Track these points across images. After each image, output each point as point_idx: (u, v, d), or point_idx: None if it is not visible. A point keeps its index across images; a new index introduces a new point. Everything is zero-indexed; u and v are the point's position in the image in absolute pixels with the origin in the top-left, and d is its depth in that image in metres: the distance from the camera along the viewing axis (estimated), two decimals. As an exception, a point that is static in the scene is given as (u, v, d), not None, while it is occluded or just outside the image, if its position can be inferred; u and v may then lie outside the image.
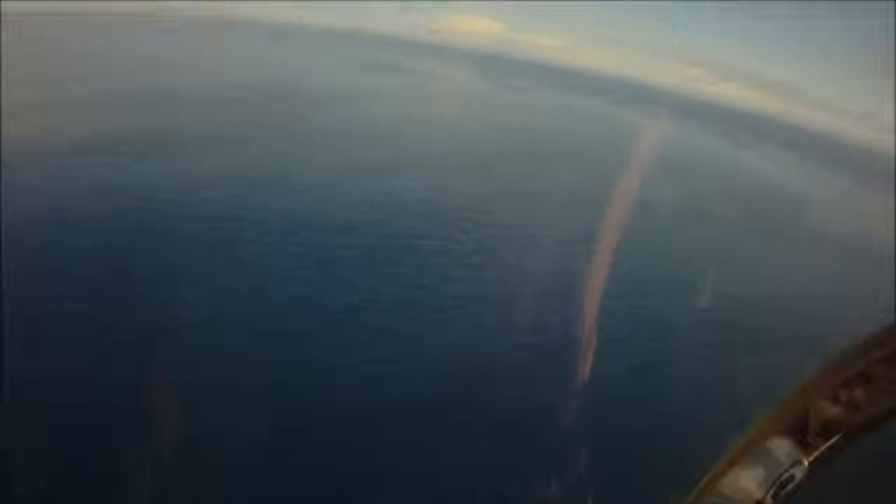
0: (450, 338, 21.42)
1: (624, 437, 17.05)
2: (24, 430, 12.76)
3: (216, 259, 23.81)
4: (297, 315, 21.17)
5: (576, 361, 18.67)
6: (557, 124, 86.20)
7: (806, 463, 1.95)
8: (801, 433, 1.98)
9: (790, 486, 1.95)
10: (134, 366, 16.34)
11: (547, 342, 21.29)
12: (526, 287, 25.03)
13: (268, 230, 27.47)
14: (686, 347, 23.83)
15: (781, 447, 1.99)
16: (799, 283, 35.44)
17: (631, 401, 19.37)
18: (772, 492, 1.96)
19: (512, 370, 19.36)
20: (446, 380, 18.64)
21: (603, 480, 13.48)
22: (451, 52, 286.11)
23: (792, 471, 1.95)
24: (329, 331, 20.41)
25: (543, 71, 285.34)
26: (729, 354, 23.16)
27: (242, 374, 17.04)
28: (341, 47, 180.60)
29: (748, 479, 2.00)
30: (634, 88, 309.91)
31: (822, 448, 1.96)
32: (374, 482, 14.29)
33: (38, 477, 11.98)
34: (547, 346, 21.00)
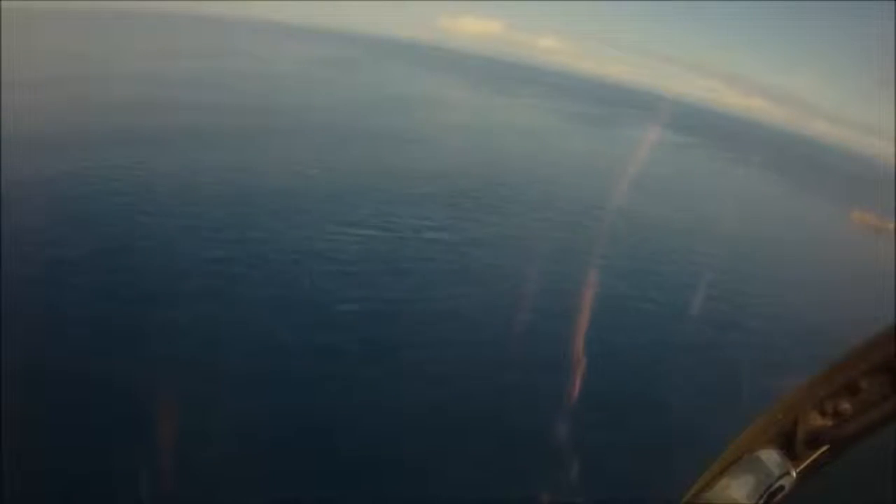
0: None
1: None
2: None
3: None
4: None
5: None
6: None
7: (794, 473, 1.97)
8: (789, 444, 2.01)
9: (779, 497, 1.97)
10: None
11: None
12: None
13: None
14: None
15: (770, 458, 2.01)
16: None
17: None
18: (761, 502, 1.98)
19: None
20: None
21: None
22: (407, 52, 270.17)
23: (781, 481, 1.97)
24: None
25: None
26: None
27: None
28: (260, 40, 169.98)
29: (737, 490, 2.02)
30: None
31: (810, 459, 1.99)
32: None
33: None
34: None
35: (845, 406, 1.95)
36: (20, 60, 61.05)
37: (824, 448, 1.98)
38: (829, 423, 1.97)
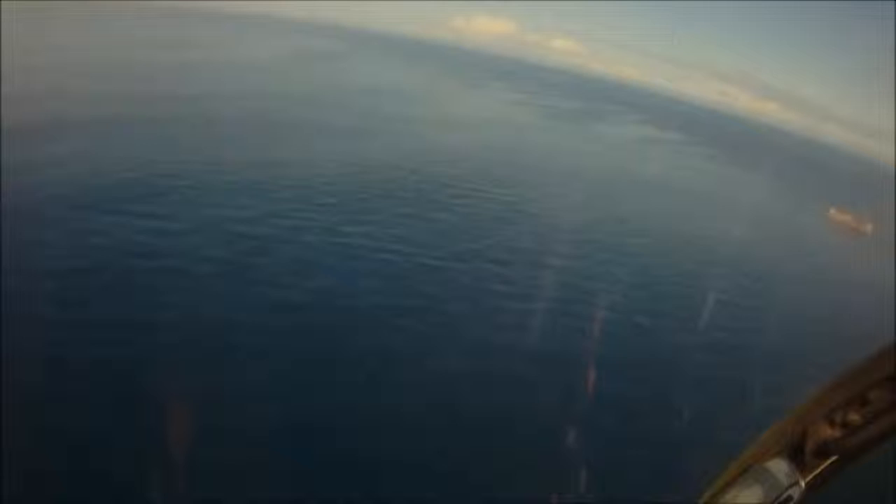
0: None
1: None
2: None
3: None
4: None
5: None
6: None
7: (803, 484, 1.99)
8: (798, 454, 2.03)
9: None
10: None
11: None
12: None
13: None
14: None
15: (780, 468, 2.03)
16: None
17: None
18: None
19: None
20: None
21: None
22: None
23: (790, 491, 1.99)
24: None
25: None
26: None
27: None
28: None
29: (747, 500, 2.04)
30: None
31: (819, 469, 2.00)
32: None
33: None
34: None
35: (854, 417, 1.96)
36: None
37: (833, 458, 2.00)
38: (837, 433, 1.99)
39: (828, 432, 2.01)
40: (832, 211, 74.52)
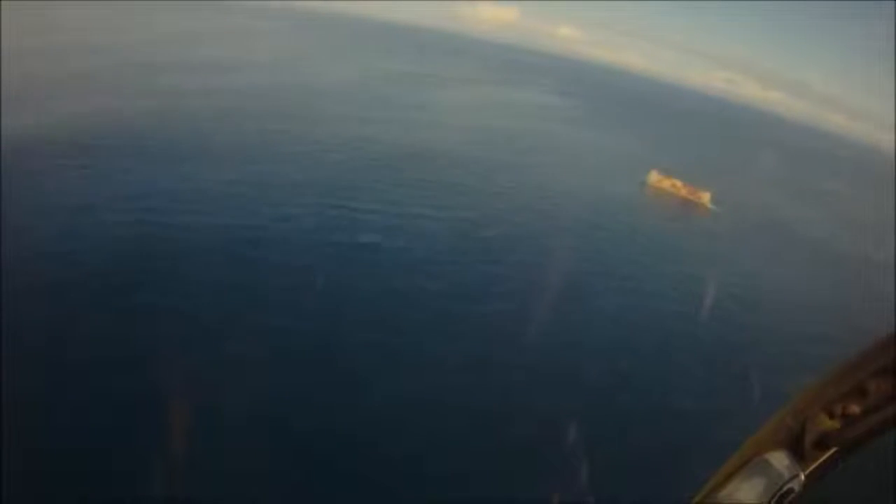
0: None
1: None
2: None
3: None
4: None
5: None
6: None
7: (803, 476, 1.99)
8: (798, 446, 2.02)
9: (789, 499, 1.99)
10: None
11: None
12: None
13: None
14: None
15: (780, 460, 2.03)
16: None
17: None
18: None
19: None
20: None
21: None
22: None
23: (790, 483, 1.98)
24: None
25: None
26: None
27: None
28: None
29: (747, 492, 2.03)
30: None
31: (819, 461, 2.00)
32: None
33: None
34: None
35: (853, 408, 1.96)
36: None
37: (833, 450, 2.01)
38: (837, 425, 1.99)
39: (827, 424, 2.00)
40: (653, 174, 56.98)
